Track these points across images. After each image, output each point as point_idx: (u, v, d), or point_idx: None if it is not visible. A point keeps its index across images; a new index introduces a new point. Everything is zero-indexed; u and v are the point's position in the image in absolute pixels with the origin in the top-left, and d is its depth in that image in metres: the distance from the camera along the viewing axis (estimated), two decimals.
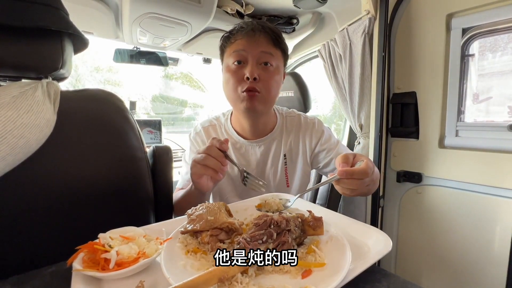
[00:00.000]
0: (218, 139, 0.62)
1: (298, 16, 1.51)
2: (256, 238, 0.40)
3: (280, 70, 0.82)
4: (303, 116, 0.95)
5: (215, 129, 0.93)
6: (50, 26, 0.52)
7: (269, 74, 0.79)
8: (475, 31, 1.02)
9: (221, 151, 0.61)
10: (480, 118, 1.10)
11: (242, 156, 0.89)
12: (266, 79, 0.77)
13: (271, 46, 0.79)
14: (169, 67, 2.44)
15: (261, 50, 0.77)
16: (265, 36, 0.78)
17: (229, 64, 0.80)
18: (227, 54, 0.81)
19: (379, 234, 0.47)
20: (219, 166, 0.59)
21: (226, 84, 0.81)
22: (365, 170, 0.51)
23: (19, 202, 0.54)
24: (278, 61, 0.81)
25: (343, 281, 0.35)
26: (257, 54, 0.77)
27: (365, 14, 1.17)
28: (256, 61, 0.77)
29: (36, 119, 0.49)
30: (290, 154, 0.91)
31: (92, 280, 0.38)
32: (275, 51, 0.80)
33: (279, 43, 0.80)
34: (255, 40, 0.77)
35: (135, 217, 0.69)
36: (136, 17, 1.18)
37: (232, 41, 0.79)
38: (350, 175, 0.51)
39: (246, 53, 0.77)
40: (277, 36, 0.80)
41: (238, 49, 0.77)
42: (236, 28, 0.81)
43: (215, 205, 0.51)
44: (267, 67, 0.78)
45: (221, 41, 0.84)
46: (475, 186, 1.00)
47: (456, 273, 1.07)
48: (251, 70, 0.75)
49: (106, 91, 0.70)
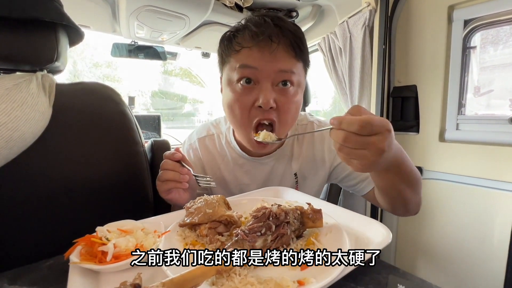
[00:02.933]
0: (169, 153, 0.56)
1: (297, 9, 1.49)
2: (255, 231, 0.40)
3: (301, 85, 0.63)
4: (317, 124, 0.78)
5: (213, 140, 0.76)
6: (43, 17, 0.51)
7: (288, 97, 0.59)
8: (477, 23, 1.00)
9: (175, 160, 0.57)
10: (481, 111, 1.09)
11: (246, 174, 0.74)
12: (285, 105, 0.59)
13: (293, 59, 0.58)
14: (169, 63, 2.42)
15: (279, 68, 0.57)
16: (285, 46, 0.57)
17: (232, 82, 0.60)
18: (230, 66, 0.60)
19: (379, 226, 0.46)
20: (177, 176, 0.55)
21: (229, 107, 0.62)
22: (363, 119, 0.37)
23: (16, 196, 0.54)
24: (300, 76, 0.62)
25: (342, 273, 0.34)
26: (273, 73, 0.57)
27: (365, 6, 1.15)
28: (271, 82, 0.58)
29: (30, 112, 0.49)
30: (302, 173, 0.74)
31: (90, 272, 0.38)
32: (297, 65, 0.60)
33: (302, 52, 0.60)
34: (272, 53, 0.55)
35: (133, 210, 0.69)
36: (133, 10, 1.17)
37: (237, 48, 0.57)
38: (339, 122, 0.38)
39: (258, 71, 0.57)
40: (300, 43, 0.59)
41: (248, 64, 0.57)
42: (243, 27, 0.59)
43: (213, 198, 0.51)
44: (286, 88, 0.59)
45: (222, 44, 0.63)
46: (476, 180, 1.00)
47: (455, 266, 1.07)
48: (266, 96, 0.56)
49: (102, 84, 0.69)
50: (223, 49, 0.62)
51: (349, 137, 0.38)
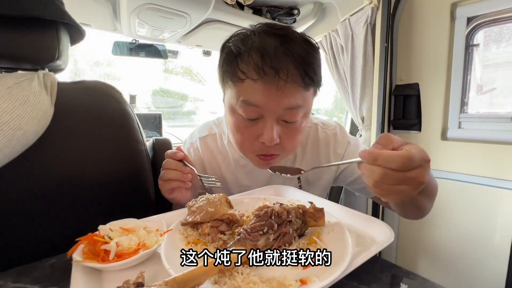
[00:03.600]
0: (170, 152, 0.56)
1: (299, 6, 1.48)
2: (257, 229, 0.40)
3: (309, 111, 0.61)
4: (321, 126, 0.75)
5: (215, 140, 0.75)
6: (44, 15, 0.51)
7: (293, 132, 0.58)
8: (480, 20, 1.00)
9: (177, 160, 0.56)
10: (484, 110, 1.08)
11: (247, 176, 0.73)
12: (289, 138, 0.58)
13: (301, 91, 0.53)
14: (169, 61, 2.41)
15: (285, 106, 0.53)
16: (294, 77, 0.51)
17: (235, 113, 0.57)
18: (232, 93, 0.56)
19: (381, 225, 0.46)
20: (180, 175, 0.54)
21: (232, 132, 0.61)
22: (404, 155, 0.33)
23: (18, 194, 0.54)
24: (309, 104, 0.58)
25: (345, 272, 0.34)
26: (279, 111, 0.54)
27: (367, 4, 1.15)
28: (277, 118, 0.55)
29: (32, 111, 0.48)
30: (306, 177, 0.73)
31: (92, 271, 0.38)
32: (305, 97, 0.55)
33: (313, 81, 0.54)
34: (278, 89, 0.51)
35: (135, 209, 0.69)
36: (134, 8, 1.16)
37: (242, 77, 0.52)
38: (374, 158, 0.34)
39: (262, 110, 0.53)
40: (310, 71, 0.53)
41: (252, 102, 0.52)
42: (247, 49, 0.52)
43: (215, 197, 0.51)
44: (291, 125, 0.57)
45: (223, 61, 0.57)
46: (478, 178, 1.00)
47: (458, 264, 1.07)
48: (270, 136, 0.54)
49: (104, 82, 0.69)
50: (224, 70, 0.57)
51: (388, 174, 0.34)
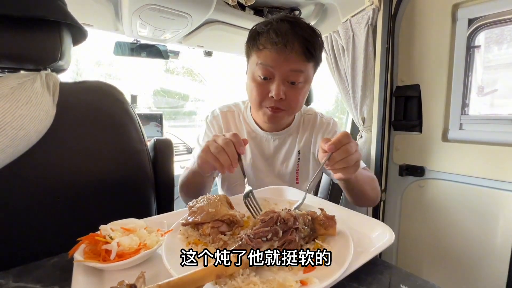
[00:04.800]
0: (239, 138, 0.56)
1: (300, 7, 1.49)
2: (260, 236, 0.38)
3: (309, 80, 0.78)
4: (320, 116, 0.94)
5: (233, 115, 0.92)
6: (47, 16, 0.51)
7: (296, 92, 0.75)
8: (482, 22, 1.00)
9: (238, 152, 0.57)
10: (485, 111, 1.08)
11: (256, 146, 0.88)
12: (292, 97, 0.75)
13: (303, 61, 0.72)
14: (170, 61, 2.41)
15: (290, 68, 0.71)
16: (298, 50, 0.70)
17: (254, 74, 0.76)
18: (253, 60, 0.76)
19: (381, 227, 0.46)
20: (229, 165, 0.55)
21: (250, 92, 0.79)
22: (344, 134, 0.54)
23: (20, 194, 0.54)
24: (308, 74, 0.76)
25: (345, 273, 0.34)
26: (285, 72, 0.72)
27: (368, 5, 1.15)
28: (283, 79, 0.72)
29: (35, 111, 0.49)
30: (304, 152, 0.89)
31: (93, 271, 0.39)
32: (306, 65, 0.73)
33: (313, 56, 0.73)
34: (286, 56, 0.70)
35: (136, 209, 0.69)
36: (135, 8, 1.16)
37: (261, 47, 0.72)
38: (338, 143, 0.52)
39: (273, 69, 0.71)
40: (312, 48, 0.72)
41: (266, 63, 0.72)
42: (267, 29, 0.72)
43: (216, 198, 0.51)
44: (294, 85, 0.74)
45: (249, 38, 0.78)
46: (479, 180, 0.99)
47: (458, 266, 1.07)
48: (277, 91, 0.71)
49: (105, 83, 0.69)
50: (249, 42, 0.78)
51: (343, 149, 0.53)
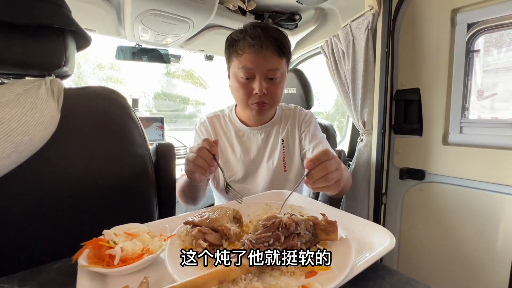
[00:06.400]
0: (209, 142, 0.64)
1: (300, 12, 1.50)
2: (262, 241, 0.39)
3: (284, 75, 0.88)
4: (299, 109, 1.04)
5: (219, 119, 1.00)
6: (52, 23, 0.52)
7: (275, 86, 0.85)
8: (481, 26, 1.00)
9: (211, 153, 0.64)
10: (485, 115, 1.09)
11: (244, 143, 0.96)
12: (273, 91, 0.85)
13: (277, 59, 0.83)
14: (171, 65, 2.43)
15: (268, 68, 0.81)
16: (272, 51, 0.81)
17: (237, 76, 0.84)
18: (235, 65, 0.84)
19: (382, 231, 0.47)
20: (207, 166, 0.63)
21: (236, 91, 0.87)
22: (324, 151, 0.55)
23: (25, 199, 0.55)
24: (283, 69, 0.86)
25: (347, 278, 0.35)
26: (264, 71, 0.82)
27: (368, 10, 1.16)
28: (263, 76, 0.82)
29: (40, 117, 0.49)
30: (287, 140, 0.97)
31: (97, 276, 0.39)
32: (280, 62, 0.84)
33: (284, 53, 0.84)
34: (263, 57, 0.80)
35: (139, 213, 0.69)
36: (138, 14, 1.18)
37: (240, 52, 0.82)
38: (316, 160, 0.53)
39: (254, 70, 0.81)
40: (282, 46, 0.83)
41: (247, 66, 0.81)
42: (242, 36, 0.82)
43: (228, 209, 0.51)
44: (273, 80, 0.84)
45: (227, 46, 0.87)
46: (479, 183, 0.99)
47: (459, 270, 1.07)
48: (260, 88, 0.81)
49: (109, 88, 0.70)
50: (229, 50, 0.87)
51: (322, 167, 0.53)
